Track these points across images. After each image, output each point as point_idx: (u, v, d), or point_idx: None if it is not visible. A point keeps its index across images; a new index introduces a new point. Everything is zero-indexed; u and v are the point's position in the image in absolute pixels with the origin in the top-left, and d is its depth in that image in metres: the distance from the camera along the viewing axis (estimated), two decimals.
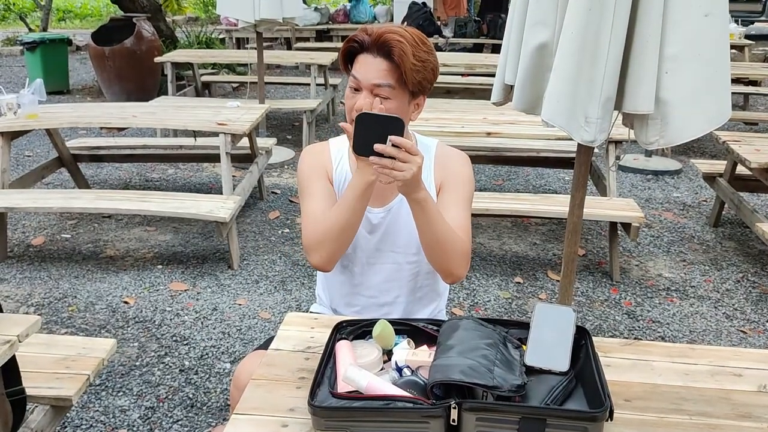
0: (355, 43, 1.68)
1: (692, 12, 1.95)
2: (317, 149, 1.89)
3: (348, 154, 1.86)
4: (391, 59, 1.63)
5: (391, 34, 1.64)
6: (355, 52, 1.68)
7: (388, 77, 1.64)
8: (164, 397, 2.59)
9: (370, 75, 1.64)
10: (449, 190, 1.81)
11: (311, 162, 1.85)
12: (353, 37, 1.69)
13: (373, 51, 1.64)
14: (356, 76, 1.66)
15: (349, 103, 1.69)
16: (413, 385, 1.31)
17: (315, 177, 1.82)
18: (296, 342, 1.60)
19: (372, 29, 1.68)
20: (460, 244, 1.70)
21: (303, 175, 1.83)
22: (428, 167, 1.86)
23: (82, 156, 4.73)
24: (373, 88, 1.64)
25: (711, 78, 2.02)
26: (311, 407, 1.24)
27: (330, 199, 1.79)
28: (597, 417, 1.18)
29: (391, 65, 1.64)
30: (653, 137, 2.09)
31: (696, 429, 1.31)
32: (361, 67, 1.66)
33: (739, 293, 3.56)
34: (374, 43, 1.64)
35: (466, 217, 1.78)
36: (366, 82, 1.65)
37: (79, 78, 9.37)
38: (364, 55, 1.66)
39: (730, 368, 1.53)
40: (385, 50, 1.63)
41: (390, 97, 1.66)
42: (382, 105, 1.64)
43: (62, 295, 3.38)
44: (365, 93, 1.65)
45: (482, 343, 1.37)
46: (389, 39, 1.63)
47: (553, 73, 2.08)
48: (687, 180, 5.45)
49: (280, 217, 4.44)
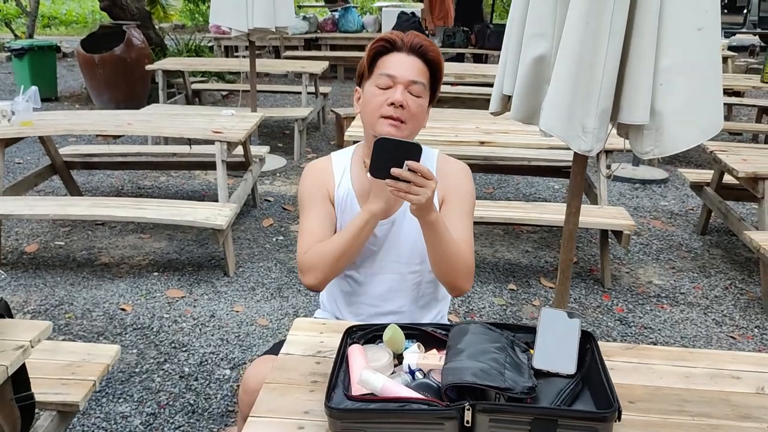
0: (386, 42, 1.72)
1: (686, 26, 2.01)
2: (319, 166, 1.91)
3: (350, 170, 1.89)
4: (425, 60, 1.70)
5: (423, 40, 1.72)
6: (384, 51, 1.72)
7: (422, 76, 1.71)
8: (165, 404, 2.61)
9: (406, 72, 1.69)
10: (452, 203, 1.85)
11: (312, 181, 1.88)
12: (383, 37, 1.73)
13: (407, 51, 1.70)
14: (389, 73, 1.70)
15: (378, 101, 1.71)
16: (426, 387, 1.34)
17: (314, 197, 1.85)
18: (306, 346, 1.63)
19: (396, 35, 1.73)
20: (466, 260, 1.75)
21: (303, 194, 1.87)
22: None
23: (75, 163, 4.73)
24: (409, 84, 1.70)
25: (704, 90, 2.08)
26: (328, 409, 1.27)
27: (328, 219, 1.83)
28: (607, 417, 1.22)
29: (424, 67, 1.71)
30: (648, 147, 2.14)
31: (698, 429, 1.36)
32: (396, 64, 1.70)
33: (727, 300, 3.63)
34: (408, 45, 1.70)
35: (469, 231, 1.83)
36: (403, 78, 1.69)
37: (67, 85, 9.34)
38: (397, 54, 1.71)
39: (728, 371, 1.58)
40: (420, 52, 1.70)
41: (421, 96, 1.72)
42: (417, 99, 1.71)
43: (58, 302, 3.38)
44: (401, 89, 1.69)
45: (491, 346, 1.41)
46: (423, 42, 1.71)
47: (551, 84, 2.13)
48: (674, 189, 5.54)
49: (274, 224, 4.46)
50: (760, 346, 3.18)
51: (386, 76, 1.70)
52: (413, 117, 1.74)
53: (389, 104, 1.70)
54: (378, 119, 1.73)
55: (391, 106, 1.70)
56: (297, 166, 5.78)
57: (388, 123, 1.72)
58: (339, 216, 1.86)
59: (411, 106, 1.72)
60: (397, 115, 1.71)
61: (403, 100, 1.69)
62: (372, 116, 1.75)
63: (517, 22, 2.27)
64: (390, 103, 1.70)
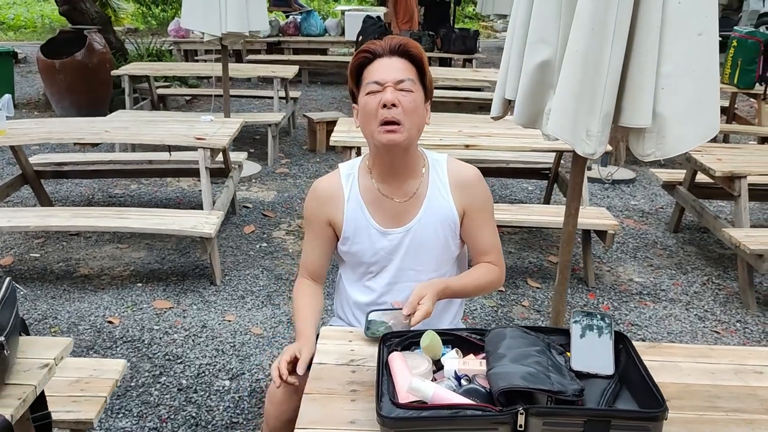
0: (367, 53, 1.76)
1: (687, 31, 2.06)
2: (324, 185, 1.93)
3: (357, 180, 1.91)
4: (409, 58, 1.74)
5: (401, 39, 1.76)
6: (367, 62, 1.76)
7: (408, 72, 1.75)
8: (166, 417, 2.55)
9: (391, 74, 1.73)
10: (477, 214, 1.91)
11: (314, 205, 1.92)
12: (364, 48, 1.76)
13: (389, 55, 1.74)
14: (376, 79, 1.73)
15: (371, 106, 1.74)
16: (475, 393, 1.35)
17: (312, 223, 1.93)
18: (338, 355, 1.62)
19: (375, 43, 1.77)
20: (495, 279, 1.93)
21: (305, 214, 1.96)
22: (444, 184, 1.91)
23: (46, 172, 4.60)
24: (396, 84, 1.72)
25: (703, 93, 2.13)
26: (381, 418, 1.27)
27: (320, 248, 1.93)
28: (658, 416, 1.25)
29: (408, 64, 1.75)
30: (650, 150, 2.19)
31: (734, 425, 1.40)
32: (379, 69, 1.74)
33: (706, 295, 3.74)
34: (389, 49, 1.74)
35: (495, 237, 1.94)
36: (389, 79, 1.72)
37: (23, 92, 9.06)
38: (379, 60, 1.75)
39: (750, 366, 1.63)
40: (402, 51, 1.74)
41: (413, 90, 1.75)
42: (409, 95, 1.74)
43: (41, 316, 3.28)
44: (390, 89, 1.72)
45: (532, 350, 1.43)
46: (401, 41, 1.75)
47: (557, 89, 2.16)
48: (642, 188, 5.67)
49: (256, 231, 4.41)
50: (744, 339, 3.28)
51: (374, 83, 1.74)
52: (409, 114, 1.75)
53: (382, 106, 1.72)
54: (376, 128, 1.76)
55: (384, 108, 1.72)
56: (272, 171, 5.73)
57: (385, 130, 1.75)
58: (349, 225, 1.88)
59: (404, 102, 1.73)
60: (392, 117, 1.73)
61: (395, 98, 1.72)
62: (370, 126, 1.77)
63: (519, 28, 2.30)
64: (382, 105, 1.72)
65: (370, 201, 1.88)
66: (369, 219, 1.88)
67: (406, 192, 1.87)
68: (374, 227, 1.87)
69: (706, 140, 2.19)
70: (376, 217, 1.88)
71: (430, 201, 1.88)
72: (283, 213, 4.77)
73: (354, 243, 1.89)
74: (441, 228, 1.89)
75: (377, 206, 1.89)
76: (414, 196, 1.87)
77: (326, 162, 6.03)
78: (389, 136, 1.75)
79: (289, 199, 5.06)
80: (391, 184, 1.87)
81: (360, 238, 1.89)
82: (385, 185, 1.87)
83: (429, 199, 1.88)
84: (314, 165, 5.94)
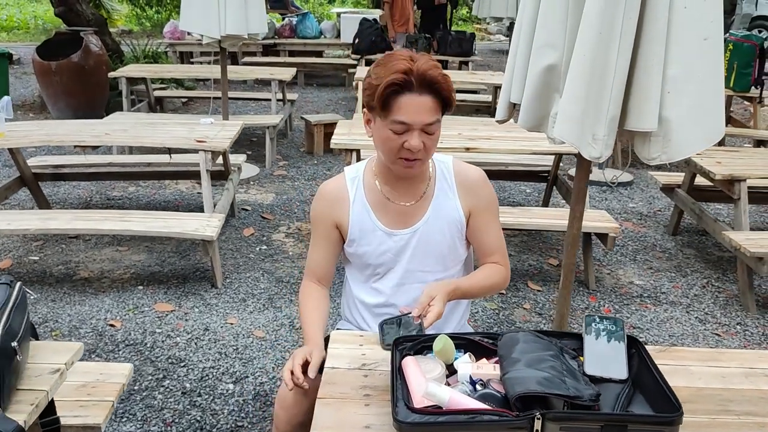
0: (396, 86, 1.66)
1: (693, 35, 2.07)
2: (330, 188, 1.94)
3: (363, 183, 1.91)
4: (437, 94, 1.69)
5: (433, 71, 1.68)
6: (395, 93, 1.67)
7: (436, 113, 1.71)
8: (171, 421, 2.54)
9: (420, 117, 1.68)
10: (483, 214, 1.92)
11: (321, 208, 1.93)
12: (396, 80, 1.65)
13: (419, 90, 1.67)
14: (405, 120, 1.68)
15: (394, 145, 1.72)
16: (490, 397, 1.35)
17: (319, 226, 1.93)
18: (350, 360, 1.62)
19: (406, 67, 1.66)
20: (501, 279, 1.94)
21: (312, 217, 1.96)
22: (450, 185, 1.92)
23: (44, 175, 4.58)
24: (423, 127, 1.70)
25: (708, 97, 2.14)
26: (397, 423, 1.27)
27: (326, 250, 1.93)
28: (674, 420, 1.25)
29: (435, 100, 1.69)
30: (655, 153, 2.20)
31: (747, 428, 1.40)
32: (409, 108, 1.67)
33: (706, 298, 3.75)
34: (421, 82, 1.66)
35: (501, 237, 1.96)
36: (417, 123, 1.68)
37: (18, 94, 9.02)
38: (409, 95, 1.67)
39: (760, 370, 1.63)
40: (431, 88, 1.67)
41: (436, 130, 1.74)
42: (432, 136, 1.73)
43: (42, 320, 3.27)
44: (416, 134, 1.69)
45: (546, 354, 1.43)
46: (434, 76, 1.67)
47: (564, 93, 2.17)
48: (639, 191, 5.69)
49: (255, 234, 4.40)
50: (744, 342, 3.30)
51: (400, 123, 1.69)
52: (429, 149, 1.76)
53: (406, 149, 1.72)
54: (395, 160, 1.76)
55: (407, 150, 1.72)
56: (270, 174, 5.72)
57: (404, 164, 1.76)
58: (355, 227, 1.89)
59: (426, 144, 1.73)
60: (414, 157, 1.74)
61: (419, 144, 1.70)
62: (388, 155, 1.77)
63: (525, 32, 2.30)
64: (407, 148, 1.71)
65: (375, 203, 1.89)
66: (375, 221, 1.88)
67: (412, 195, 1.88)
68: (380, 229, 1.88)
69: (711, 144, 2.20)
70: (383, 219, 1.88)
71: (437, 202, 1.88)
72: (282, 215, 4.76)
73: (360, 245, 1.90)
74: (448, 229, 1.89)
75: (383, 208, 1.89)
76: (421, 199, 1.88)
77: (324, 164, 6.03)
78: (406, 171, 1.79)
79: (288, 201, 5.06)
80: (398, 189, 1.88)
81: (366, 239, 1.89)
82: (392, 189, 1.88)
83: (436, 200, 1.88)
84: (312, 167, 5.93)
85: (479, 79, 6.99)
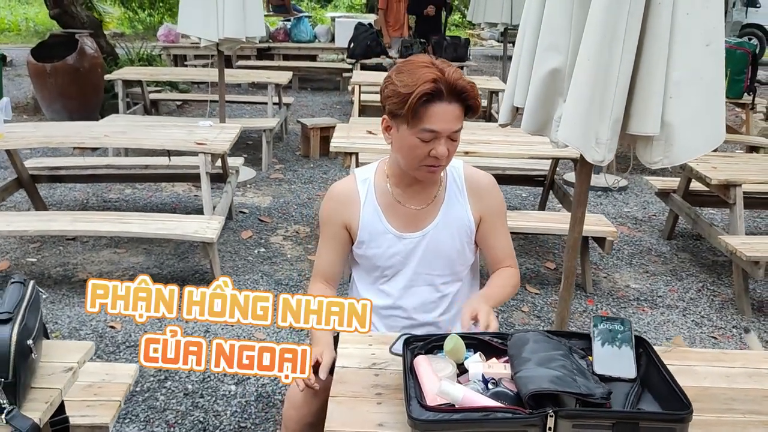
0: (428, 95, 1.67)
1: (695, 41, 2.10)
2: (339, 189, 1.96)
3: (374, 185, 1.93)
4: (464, 102, 1.71)
5: (462, 80, 1.70)
6: (427, 102, 1.68)
7: (461, 120, 1.74)
8: (174, 422, 2.55)
9: (449, 125, 1.71)
10: (493, 220, 1.94)
11: (331, 208, 1.94)
12: (429, 90, 1.66)
13: (448, 99, 1.69)
14: (434, 128, 1.69)
15: (421, 153, 1.73)
16: (503, 396, 1.37)
17: (328, 227, 1.94)
18: (360, 359, 1.63)
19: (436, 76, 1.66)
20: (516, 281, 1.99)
21: (321, 218, 1.97)
22: (461, 190, 1.94)
23: (41, 176, 4.57)
24: (451, 135, 1.73)
25: (710, 102, 2.18)
26: (412, 420, 1.28)
27: (339, 247, 1.94)
28: (685, 418, 1.27)
29: (461, 108, 1.72)
30: (657, 157, 2.23)
31: (753, 427, 1.43)
32: (439, 116, 1.69)
33: (702, 302, 3.79)
34: (451, 90, 1.69)
35: (509, 242, 2.00)
36: (446, 132, 1.71)
37: (12, 96, 8.96)
38: (439, 104, 1.68)
39: (764, 370, 1.66)
40: (460, 97, 1.70)
41: (459, 136, 1.77)
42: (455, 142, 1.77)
43: None
44: (443, 140, 1.72)
45: (556, 354, 1.45)
46: (464, 86, 1.70)
47: (568, 97, 2.19)
48: (634, 195, 5.74)
49: (253, 236, 4.41)
50: (740, 345, 3.33)
51: (429, 132, 1.70)
52: (451, 156, 1.80)
53: (432, 156, 1.74)
54: (418, 166, 1.78)
55: (433, 157, 1.74)
56: (266, 177, 5.73)
57: (428, 171, 1.79)
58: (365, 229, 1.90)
59: (451, 150, 1.77)
60: (439, 164, 1.77)
61: (446, 152, 1.74)
62: (412, 162, 1.78)
63: (529, 36, 2.32)
64: (434, 156, 1.73)
65: (386, 206, 1.91)
66: (385, 223, 1.90)
67: (423, 199, 1.90)
68: (391, 231, 1.90)
69: (712, 148, 2.24)
70: (393, 222, 1.90)
71: (448, 207, 1.90)
72: (280, 218, 4.77)
73: (369, 247, 1.91)
74: (457, 233, 1.91)
75: (393, 211, 1.91)
76: (432, 203, 1.90)
77: (320, 168, 6.04)
78: (430, 176, 1.83)
79: (285, 204, 5.07)
80: (410, 192, 1.90)
81: (376, 242, 1.90)
82: (403, 192, 1.90)
83: (446, 204, 1.90)
84: (308, 171, 5.94)
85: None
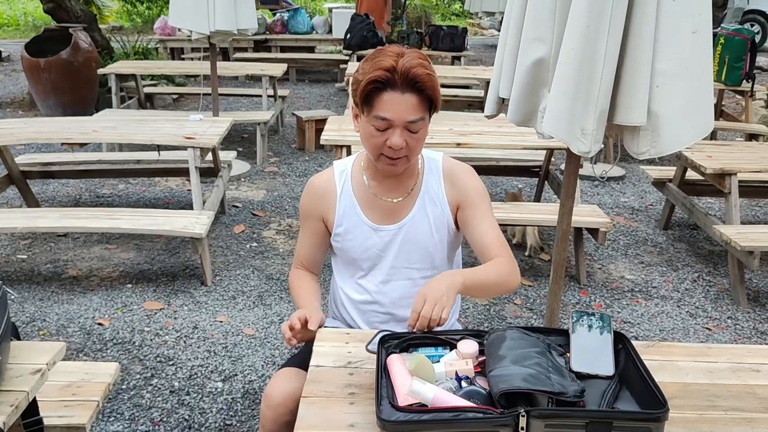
0: (378, 83, 1.64)
1: (682, 29, 2.06)
2: (319, 181, 1.93)
3: (350, 177, 1.90)
4: (421, 93, 1.65)
5: (418, 69, 1.64)
6: (378, 90, 1.65)
7: (419, 111, 1.67)
8: (159, 420, 2.53)
9: (402, 114, 1.65)
10: (471, 206, 1.86)
11: (309, 200, 1.92)
12: (376, 77, 1.63)
13: (401, 88, 1.64)
14: (386, 116, 1.65)
15: (376, 142, 1.70)
16: (476, 394, 1.34)
17: (307, 218, 1.93)
18: (335, 357, 1.60)
19: (390, 65, 1.63)
20: (508, 273, 1.74)
21: (301, 209, 1.96)
22: (438, 181, 1.91)
23: (32, 173, 4.54)
24: (406, 125, 1.67)
25: (698, 91, 2.13)
26: (381, 422, 1.25)
27: (314, 241, 1.94)
28: (660, 417, 1.24)
29: (420, 98, 1.66)
30: (644, 147, 2.18)
31: (734, 424, 1.39)
32: (391, 106, 1.64)
33: (697, 292, 3.75)
34: (403, 81, 1.63)
35: (496, 229, 1.84)
36: (400, 121, 1.66)
37: (7, 91, 8.96)
38: (390, 93, 1.64)
39: (747, 365, 1.63)
40: (415, 86, 1.64)
41: (421, 128, 1.71)
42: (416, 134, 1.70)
43: (29, 319, 3.24)
44: (398, 131, 1.67)
45: (532, 351, 1.42)
46: (418, 74, 1.63)
47: (553, 87, 2.15)
48: (631, 185, 5.69)
49: (246, 231, 4.38)
50: (735, 336, 3.30)
51: (382, 120, 1.66)
52: (413, 149, 1.74)
53: (388, 146, 1.69)
54: (379, 156, 1.75)
55: (390, 148, 1.70)
56: (261, 170, 5.69)
57: (387, 163, 1.74)
58: (341, 222, 1.88)
59: (410, 143, 1.71)
60: (396, 155, 1.72)
61: (402, 143, 1.68)
62: (372, 152, 1.76)
63: (513, 26, 2.28)
64: (389, 146, 1.69)
65: (362, 198, 1.88)
66: (361, 215, 1.87)
67: (400, 191, 1.87)
68: (366, 224, 1.86)
69: (700, 138, 2.19)
70: (369, 214, 1.87)
71: (424, 199, 1.87)
72: (273, 212, 4.74)
73: (345, 239, 1.89)
74: (435, 226, 1.87)
75: (370, 204, 1.88)
76: (408, 195, 1.86)
77: (315, 160, 6.00)
78: (390, 168, 1.77)
79: (279, 198, 5.04)
80: (386, 185, 1.86)
81: (352, 234, 1.88)
82: (379, 185, 1.87)
83: (423, 197, 1.87)
84: (303, 164, 5.91)
85: (471, 75, 6.97)
